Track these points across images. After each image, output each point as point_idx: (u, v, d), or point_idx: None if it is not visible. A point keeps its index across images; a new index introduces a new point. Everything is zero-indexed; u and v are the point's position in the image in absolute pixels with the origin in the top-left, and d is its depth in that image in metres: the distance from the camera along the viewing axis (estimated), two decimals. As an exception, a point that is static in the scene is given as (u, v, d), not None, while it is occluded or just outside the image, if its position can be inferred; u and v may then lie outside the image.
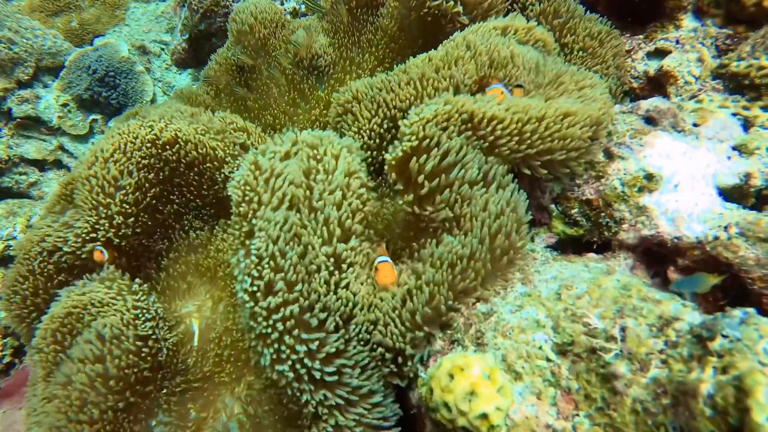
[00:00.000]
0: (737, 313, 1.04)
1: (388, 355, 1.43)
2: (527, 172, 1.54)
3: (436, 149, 1.46)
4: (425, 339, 1.41)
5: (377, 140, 1.85)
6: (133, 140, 1.98)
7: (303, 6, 2.94)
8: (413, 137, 1.47)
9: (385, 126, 1.82)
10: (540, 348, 1.27)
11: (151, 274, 2.18)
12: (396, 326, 1.41)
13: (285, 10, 3.47)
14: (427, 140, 1.47)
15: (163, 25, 5.17)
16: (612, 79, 1.99)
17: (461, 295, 1.40)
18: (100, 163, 1.94)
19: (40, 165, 4.45)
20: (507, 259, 1.42)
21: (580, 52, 2.00)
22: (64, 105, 4.50)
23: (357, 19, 2.45)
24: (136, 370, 1.73)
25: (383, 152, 1.70)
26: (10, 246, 3.77)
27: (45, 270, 2.00)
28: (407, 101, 1.75)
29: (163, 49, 4.83)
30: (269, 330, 1.37)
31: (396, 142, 1.53)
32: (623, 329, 1.20)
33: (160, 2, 5.38)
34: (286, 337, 1.37)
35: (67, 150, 4.52)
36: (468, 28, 1.83)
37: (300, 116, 2.55)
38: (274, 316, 1.37)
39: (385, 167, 1.55)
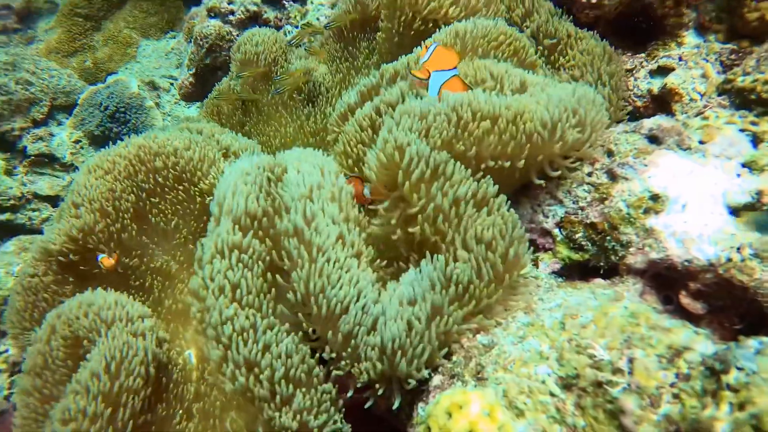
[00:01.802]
0: (752, 342, 0.96)
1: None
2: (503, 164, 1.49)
3: (422, 161, 1.41)
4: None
5: (369, 130, 1.81)
6: (123, 150, 2.10)
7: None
8: (390, 144, 1.44)
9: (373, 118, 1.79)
10: (543, 382, 1.20)
11: (154, 293, 2.18)
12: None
13: (287, 40, 3.52)
14: (409, 146, 1.43)
15: (173, 60, 5.29)
16: (608, 90, 1.94)
17: (462, 321, 1.34)
18: (85, 172, 2.04)
19: (53, 201, 4.52)
20: (507, 286, 1.36)
21: (573, 70, 1.97)
22: (77, 141, 4.60)
23: (352, 44, 2.46)
24: (139, 395, 1.61)
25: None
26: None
27: (45, 277, 2.03)
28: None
29: (172, 84, 4.93)
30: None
31: (374, 146, 1.49)
32: (631, 361, 1.12)
33: (170, 39, 5.52)
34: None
35: (79, 185, 4.58)
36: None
37: (300, 142, 2.55)
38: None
39: (366, 171, 1.51)
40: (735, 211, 1.53)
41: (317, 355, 1.45)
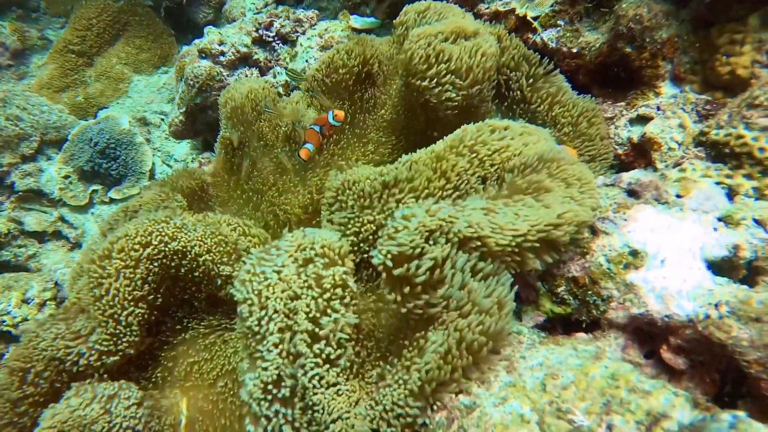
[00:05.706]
0: (726, 416, 0.97)
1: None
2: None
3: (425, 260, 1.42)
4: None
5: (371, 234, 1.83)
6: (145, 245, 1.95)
7: (293, 81, 3.02)
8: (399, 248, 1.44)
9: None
10: (524, 448, 1.19)
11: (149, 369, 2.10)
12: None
13: (277, 83, 3.57)
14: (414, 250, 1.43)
15: (165, 95, 5.34)
16: (601, 162, 1.99)
17: (441, 387, 1.34)
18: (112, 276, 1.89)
19: (40, 237, 4.49)
20: (490, 349, 1.37)
21: (568, 128, 2.02)
22: (66, 177, 4.59)
23: (348, 96, 2.50)
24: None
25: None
26: (4, 321, 3.74)
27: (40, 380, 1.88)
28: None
29: (162, 120, 4.96)
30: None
31: (380, 242, 1.49)
32: (610, 428, 1.13)
33: (162, 74, 5.58)
34: None
35: (67, 221, 4.57)
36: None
37: (290, 193, 2.55)
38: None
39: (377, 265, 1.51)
40: (713, 265, 1.56)
41: None
